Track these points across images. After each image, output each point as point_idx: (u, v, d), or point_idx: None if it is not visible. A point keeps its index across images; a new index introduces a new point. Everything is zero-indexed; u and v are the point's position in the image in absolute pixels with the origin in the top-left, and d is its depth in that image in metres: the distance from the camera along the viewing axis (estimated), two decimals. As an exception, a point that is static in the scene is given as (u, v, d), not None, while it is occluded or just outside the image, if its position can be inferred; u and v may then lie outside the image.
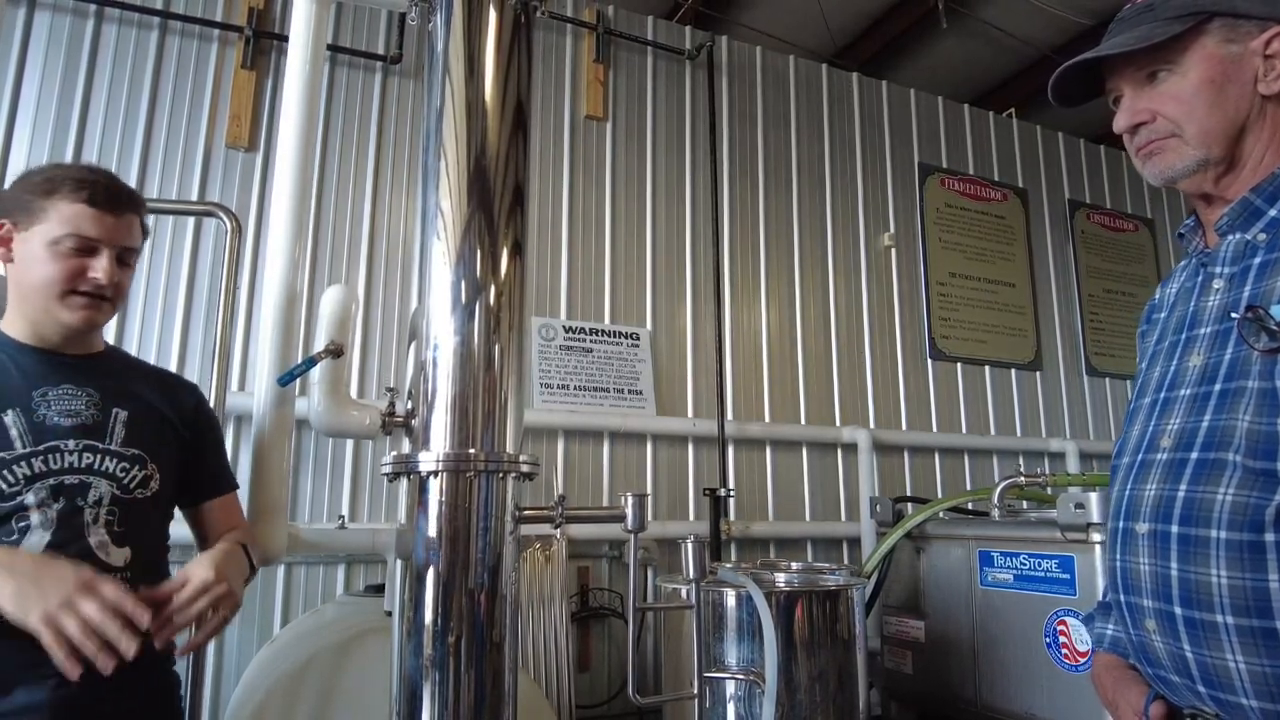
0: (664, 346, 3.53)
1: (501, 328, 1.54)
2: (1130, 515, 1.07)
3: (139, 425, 1.42)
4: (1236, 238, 1.07)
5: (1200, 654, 0.96)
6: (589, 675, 3.11)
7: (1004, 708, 2.46)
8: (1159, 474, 1.05)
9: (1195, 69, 1.05)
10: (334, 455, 2.93)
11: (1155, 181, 1.12)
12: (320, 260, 3.05)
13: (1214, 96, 1.05)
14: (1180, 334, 1.11)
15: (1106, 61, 1.12)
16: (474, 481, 1.44)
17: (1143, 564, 1.04)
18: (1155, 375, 1.13)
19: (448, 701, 1.45)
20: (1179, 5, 1.07)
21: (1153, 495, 1.04)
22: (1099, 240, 4.78)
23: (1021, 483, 2.77)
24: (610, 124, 3.62)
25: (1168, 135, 1.08)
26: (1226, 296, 1.05)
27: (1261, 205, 1.04)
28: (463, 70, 1.64)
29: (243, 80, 3.02)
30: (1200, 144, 1.06)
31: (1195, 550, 0.97)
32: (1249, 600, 0.92)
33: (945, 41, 4.61)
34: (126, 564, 1.34)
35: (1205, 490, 0.98)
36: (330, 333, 1.61)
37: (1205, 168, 1.07)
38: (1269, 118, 1.05)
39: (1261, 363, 0.95)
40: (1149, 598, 1.03)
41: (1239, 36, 1.05)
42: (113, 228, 1.36)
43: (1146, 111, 1.09)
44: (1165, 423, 1.07)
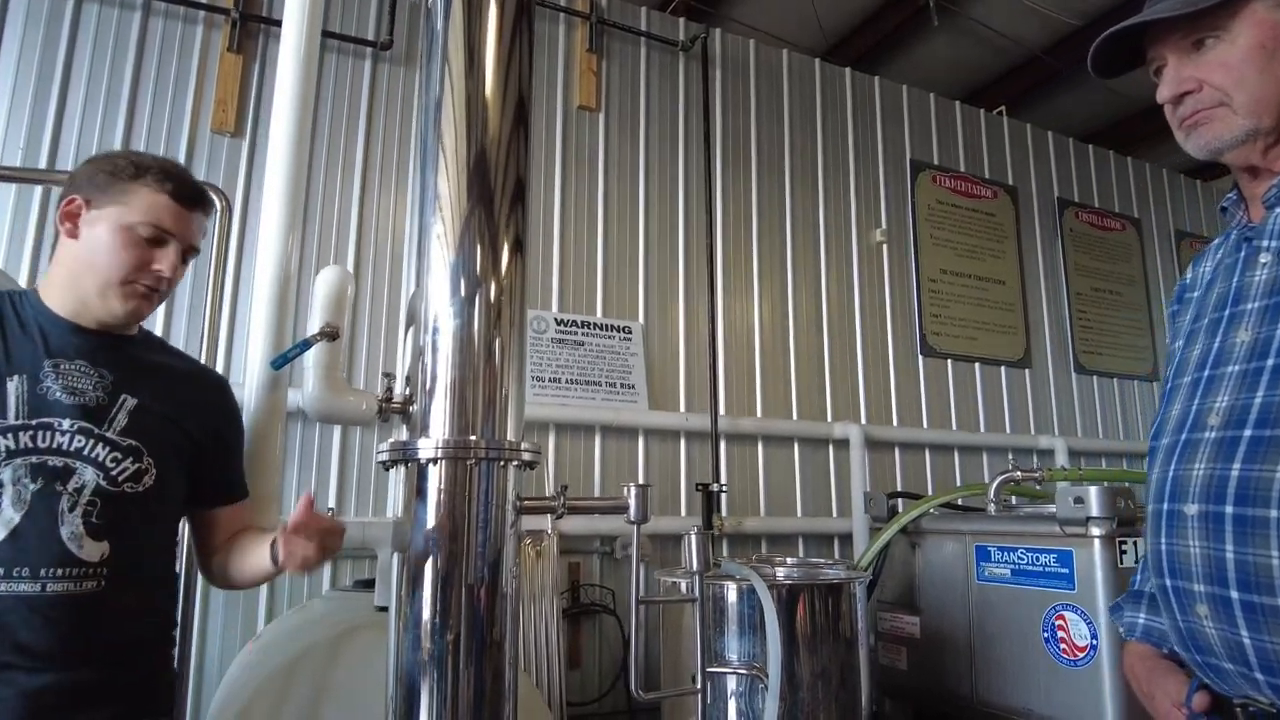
0: (656, 340, 3.50)
1: (503, 322, 1.50)
2: (1176, 497, 1.04)
3: (146, 416, 1.35)
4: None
5: (1259, 639, 0.93)
6: (580, 672, 3.07)
7: (1001, 704, 2.45)
8: (1208, 453, 1.01)
9: (1245, 34, 1.02)
10: (321, 446, 2.87)
11: (1200, 154, 1.08)
12: (308, 245, 2.99)
13: (1265, 63, 1.01)
14: (1223, 310, 1.08)
15: (1150, 29, 1.08)
16: (474, 469, 1.40)
17: (1193, 547, 1.00)
18: (1196, 353, 1.10)
19: (446, 699, 1.41)
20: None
21: (1202, 475, 1.01)
22: (1087, 239, 4.80)
23: (1018, 477, 2.77)
24: (603, 115, 3.58)
25: (1215, 105, 1.04)
26: (1275, 270, 1.02)
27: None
28: (463, 61, 1.60)
29: (229, 64, 2.95)
30: (1250, 113, 1.03)
31: (1253, 531, 0.94)
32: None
33: (937, 39, 4.60)
34: (103, 559, 1.26)
35: (1263, 469, 0.94)
36: (326, 315, 1.56)
37: (1255, 138, 1.03)
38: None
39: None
40: (1200, 582, 0.99)
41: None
42: (187, 224, 1.36)
43: (1192, 80, 1.05)
44: (1212, 400, 1.03)
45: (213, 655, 2.60)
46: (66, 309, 1.34)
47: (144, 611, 1.36)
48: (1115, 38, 1.11)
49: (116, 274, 1.30)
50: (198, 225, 1.38)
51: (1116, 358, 4.69)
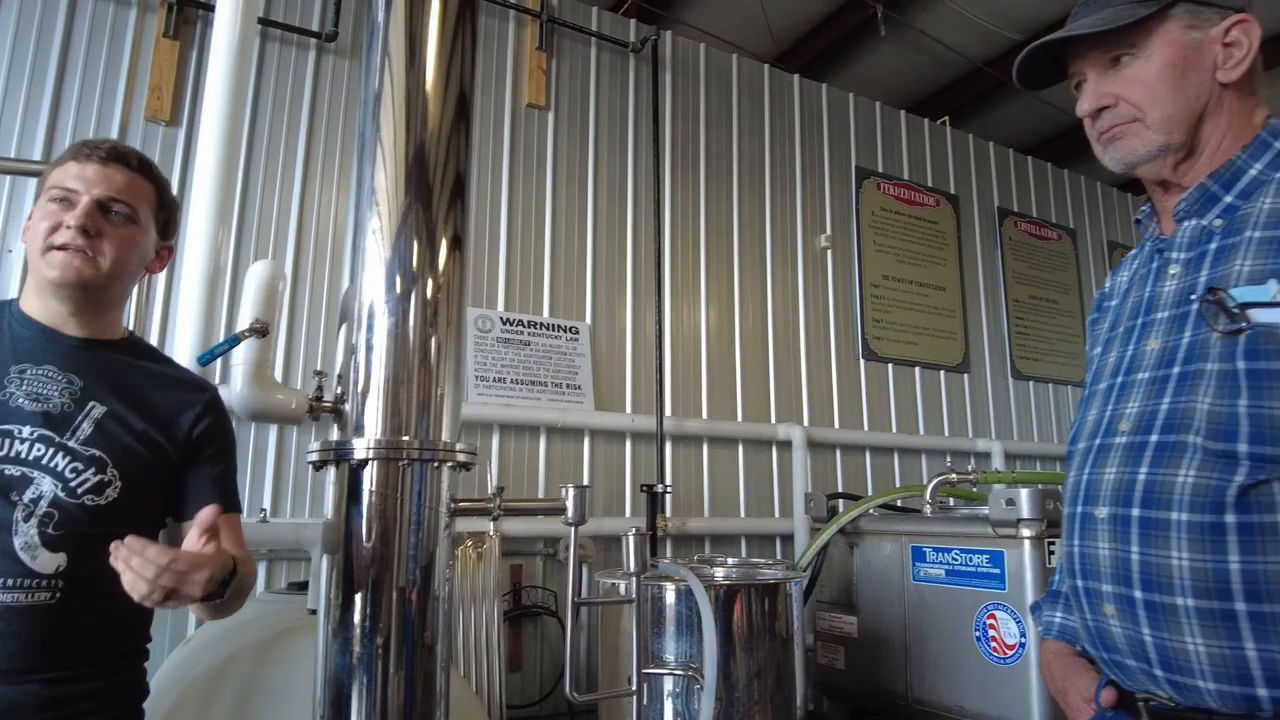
0: (603, 341, 3.49)
1: (439, 320, 1.47)
2: (1088, 500, 1.07)
3: (114, 426, 1.29)
4: (1193, 223, 1.08)
5: (1159, 637, 0.97)
6: (521, 675, 3.05)
7: (934, 701, 2.50)
8: (1118, 457, 1.05)
9: (1159, 53, 1.06)
10: (256, 445, 2.80)
11: (1116, 167, 1.12)
12: (246, 239, 2.91)
13: (1177, 82, 1.05)
14: (1136, 319, 1.12)
15: (1071, 44, 1.12)
16: (407, 470, 1.37)
17: (1102, 549, 1.04)
18: (1111, 360, 1.14)
19: (375, 704, 1.38)
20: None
21: (1112, 479, 1.04)
22: (1025, 248, 4.94)
23: (953, 479, 2.83)
24: (552, 113, 3.57)
25: (1130, 120, 1.08)
26: (1183, 281, 1.06)
27: (1218, 191, 1.06)
28: (404, 54, 1.57)
29: (165, 50, 2.86)
30: (1162, 129, 1.06)
31: (1156, 533, 0.97)
32: (1210, 582, 0.93)
33: (884, 49, 4.69)
34: (59, 571, 1.20)
35: (1166, 473, 0.98)
36: (255, 310, 1.52)
37: (1166, 153, 1.07)
38: (1226, 105, 1.06)
39: (1221, 344, 0.96)
40: (1108, 582, 1.03)
41: (1201, 23, 1.06)
42: (91, 178, 1.30)
43: (1110, 95, 1.09)
44: (1123, 407, 1.07)
45: (138, 660, 2.51)
46: (37, 311, 1.31)
47: (107, 625, 1.29)
48: (1039, 51, 1.14)
49: (38, 244, 1.28)
50: (105, 178, 1.32)
51: (1052, 364, 4.83)
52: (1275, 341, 0.92)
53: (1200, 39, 1.06)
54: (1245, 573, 0.91)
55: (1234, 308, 0.96)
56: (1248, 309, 0.95)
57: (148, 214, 1.37)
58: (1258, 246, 0.99)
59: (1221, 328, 0.97)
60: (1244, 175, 1.05)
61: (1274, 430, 0.91)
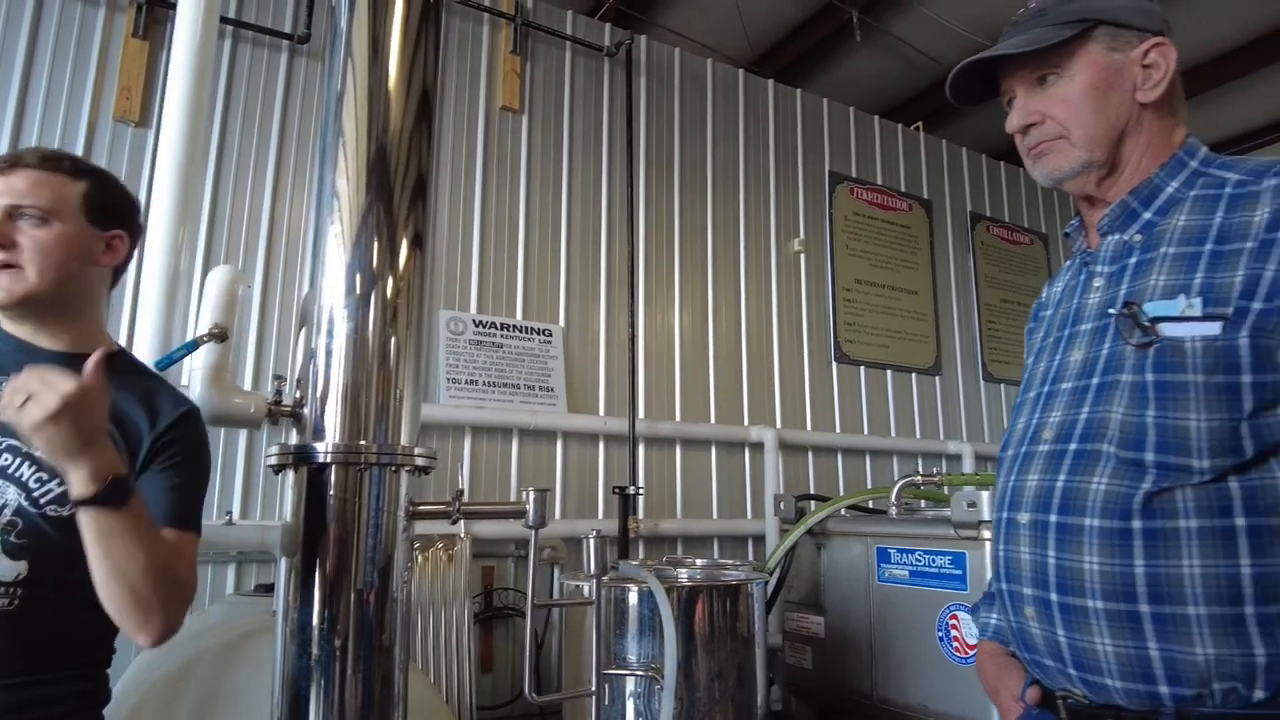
0: (577, 344, 3.51)
1: (399, 321, 1.49)
2: (1013, 506, 1.11)
3: None
4: (1115, 238, 1.12)
5: (1073, 638, 1.00)
6: (492, 676, 3.06)
7: (898, 701, 2.54)
8: (1040, 465, 1.08)
9: (1082, 73, 1.10)
10: (225, 448, 2.79)
11: (1044, 182, 1.16)
12: (216, 243, 2.91)
13: (1098, 101, 1.09)
14: (1064, 330, 1.16)
15: (1002, 63, 1.16)
16: (365, 474, 1.39)
17: (1024, 553, 1.07)
18: (1040, 370, 1.18)
19: (333, 705, 1.40)
20: (1068, 11, 1.11)
21: (1034, 486, 1.08)
22: (997, 252, 5.00)
23: (918, 482, 2.86)
24: (526, 117, 3.58)
25: (1056, 137, 1.12)
26: (1105, 294, 1.10)
27: (1138, 208, 1.10)
28: (366, 54, 1.58)
29: (134, 50, 2.85)
30: (1085, 147, 1.10)
31: (1071, 538, 1.01)
32: (1117, 585, 0.96)
33: (858, 54, 4.73)
34: (18, 579, 1.20)
35: (1081, 480, 1.02)
36: (215, 315, 1.52)
37: (1089, 170, 1.11)
38: (1145, 125, 1.10)
39: (1134, 357, 1.00)
40: (1028, 585, 1.06)
41: (1121, 45, 1.10)
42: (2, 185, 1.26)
43: (1037, 113, 1.13)
44: (1047, 415, 1.11)
45: (105, 663, 2.50)
46: (11, 326, 1.29)
47: (67, 634, 1.29)
48: (971, 69, 1.18)
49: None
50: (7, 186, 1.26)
51: (1023, 367, 4.88)
52: (1180, 355, 0.96)
53: (1121, 61, 1.09)
54: (1149, 576, 0.95)
55: (1146, 322, 1.00)
56: (1158, 323, 0.99)
57: (70, 209, 1.30)
58: (1171, 262, 1.03)
59: (1135, 341, 1.00)
60: (1162, 192, 1.09)
61: (1177, 440, 0.95)
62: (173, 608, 1.23)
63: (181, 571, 1.27)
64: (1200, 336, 0.95)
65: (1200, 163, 1.09)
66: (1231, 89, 4.90)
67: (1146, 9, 1.12)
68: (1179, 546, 0.94)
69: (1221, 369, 0.94)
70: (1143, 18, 1.10)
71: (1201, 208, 1.05)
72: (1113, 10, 1.10)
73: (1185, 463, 0.94)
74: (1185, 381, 0.95)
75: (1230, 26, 4.51)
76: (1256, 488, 0.93)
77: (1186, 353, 0.95)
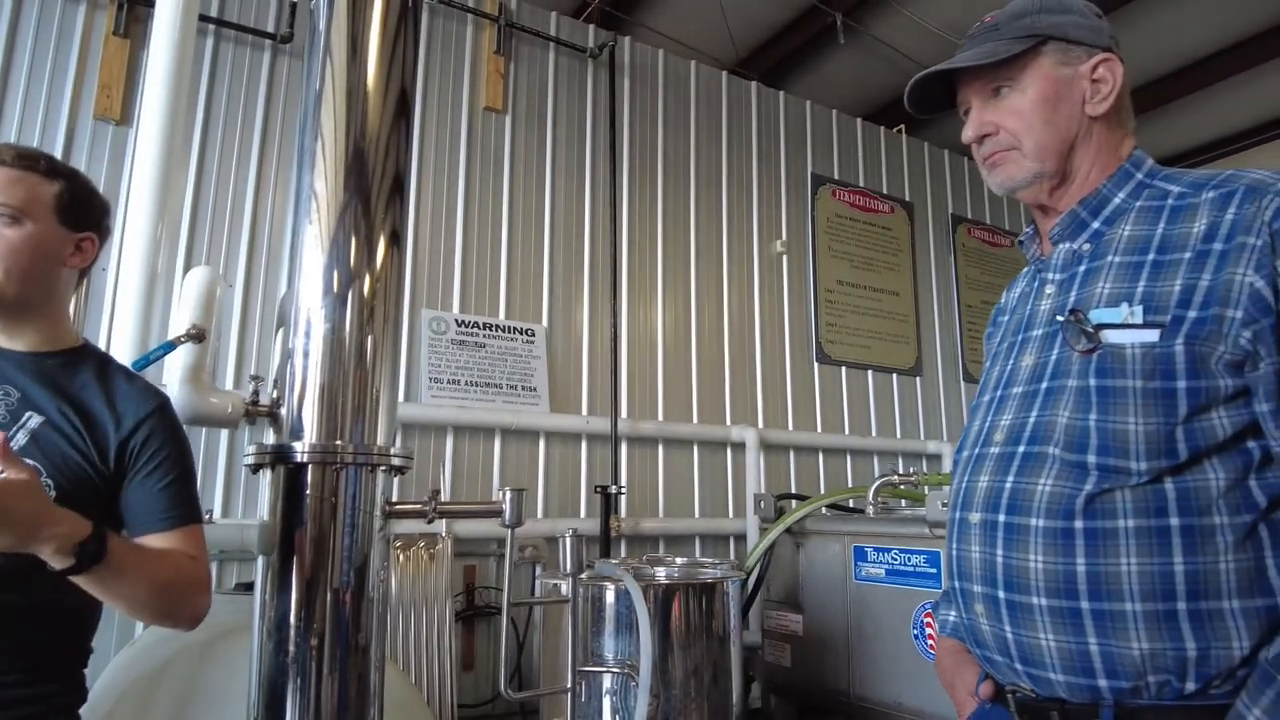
0: (560, 344, 3.52)
1: (375, 319, 1.49)
2: (966, 506, 1.14)
3: (52, 435, 1.27)
4: (1066, 246, 1.16)
5: (1019, 634, 1.04)
6: (473, 674, 3.07)
7: (874, 698, 2.57)
8: (991, 466, 1.12)
9: (1033, 86, 1.13)
10: (208, 448, 2.79)
11: (999, 190, 1.20)
12: (198, 243, 2.90)
13: (1049, 114, 1.13)
14: (1017, 335, 1.19)
15: (958, 75, 1.19)
16: (341, 474, 1.39)
17: (974, 552, 1.11)
18: (994, 374, 1.21)
19: (309, 703, 1.40)
20: (1020, 26, 1.15)
21: (984, 486, 1.11)
22: (978, 254, 5.05)
23: (895, 481, 2.90)
24: (509, 117, 3.59)
25: (1009, 148, 1.15)
26: (1056, 301, 1.13)
27: (1086, 217, 1.14)
28: (345, 52, 1.59)
29: (114, 48, 2.84)
30: (1036, 157, 1.14)
31: (1018, 538, 1.04)
32: (1059, 583, 1.00)
33: (842, 57, 4.77)
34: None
35: (1028, 482, 1.06)
36: (193, 315, 1.53)
37: (1041, 180, 1.15)
38: (1094, 137, 1.14)
39: (1079, 362, 1.04)
40: (979, 583, 1.09)
41: (1071, 60, 1.13)
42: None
43: (991, 124, 1.16)
44: (999, 419, 1.14)
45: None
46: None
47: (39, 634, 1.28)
48: (929, 80, 1.21)
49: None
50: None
51: (1001, 368, 4.94)
52: (1121, 361, 0.99)
53: (1070, 75, 1.13)
54: (1090, 574, 0.98)
55: (1090, 328, 1.03)
56: (1101, 329, 1.02)
57: (41, 208, 1.29)
58: (1116, 271, 1.06)
59: (1080, 347, 1.04)
60: (1109, 203, 1.12)
61: (1117, 443, 0.98)
62: (195, 600, 1.31)
63: (193, 568, 1.32)
64: (1140, 343, 0.98)
65: (1146, 174, 1.13)
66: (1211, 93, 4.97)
67: (1095, 26, 1.16)
68: (1118, 545, 0.97)
69: (1158, 375, 0.97)
70: (1091, 34, 1.14)
71: (1145, 219, 1.08)
72: (1062, 27, 1.14)
73: (1124, 465, 0.98)
74: (1125, 387, 0.99)
75: (1203, 34, 4.57)
76: (1189, 489, 0.96)
77: (1127, 359, 0.99)
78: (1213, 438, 0.96)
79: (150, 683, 1.81)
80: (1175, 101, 5.04)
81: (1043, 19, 1.14)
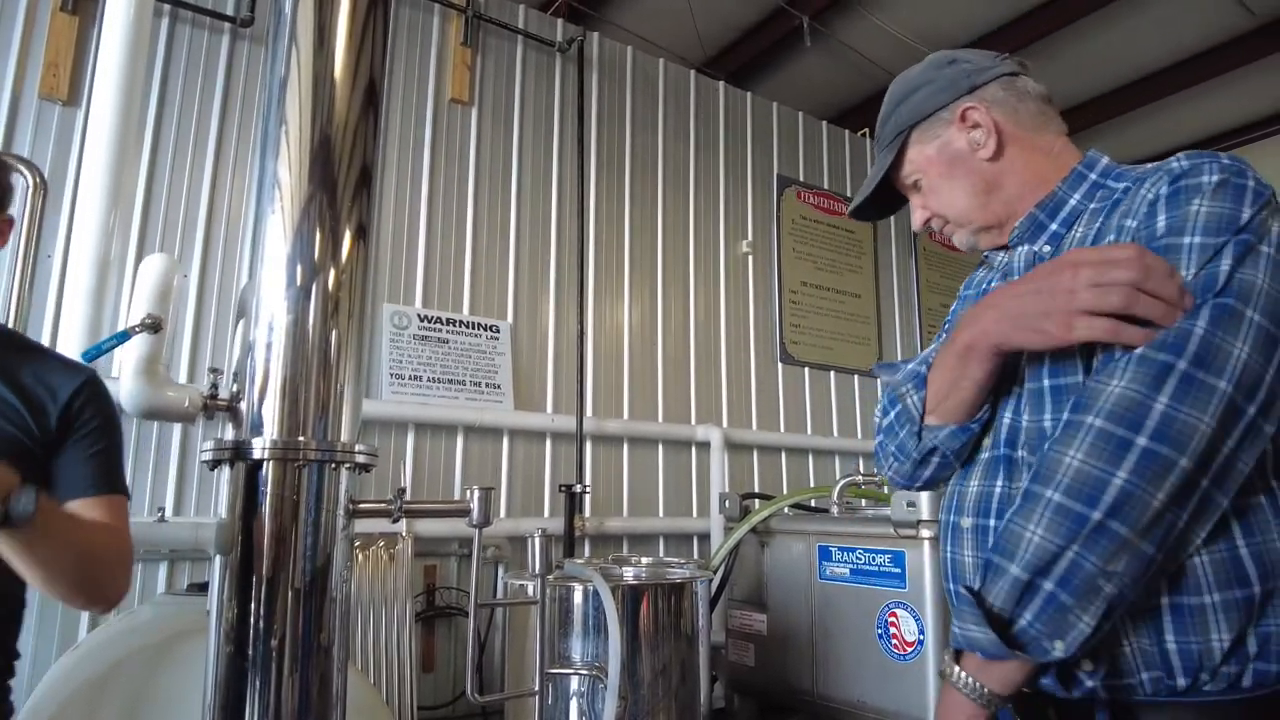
0: (525, 341, 3.48)
1: (340, 313, 1.45)
2: (957, 510, 1.15)
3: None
4: (1026, 248, 1.18)
5: None
6: (433, 676, 3.02)
7: (837, 697, 2.58)
8: (980, 471, 1.13)
9: (927, 172, 1.20)
10: (159, 443, 2.70)
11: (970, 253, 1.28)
12: (150, 230, 2.80)
13: (953, 184, 1.19)
14: None
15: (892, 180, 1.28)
16: (304, 471, 1.35)
17: (967, 555, 1.11)
18: None
19: (269, 707, 1.36)
20: (889, 132, 1.23)
21: (974, 491, 1.13)
22: (939, 258, 5.13)
23: (859, 481, 2.92)
24: (475, 109, 3.54)
25: (945, 224, 1.24)
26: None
27: (1045, 219, 1.15)
28: (312, 40, 1.54)
29: (62, 25, 2.73)
30: (967, 224, 1.21)
31: None
32: None
33: (808, 60, 4.80)
34: None
35: (1013, 485, 1.07)
36: (148, 305, 1.47)
37: (985, 233, 1.21)
38: (1008, 168, 1.17)
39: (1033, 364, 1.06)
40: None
41: (937, 130, 1.19)
42: None
43: (925, 211, 1.24)
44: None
45: (22, 664, 2.38)
46: None
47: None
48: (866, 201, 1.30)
49: None
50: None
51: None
52: (1072, 359, 1.01)
53: (945, 140, 1.18)
54: None
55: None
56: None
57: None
58: None
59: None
60: (1065, 205, 1.14)
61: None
62: (118, 574, 1.27)
63: (116, 541, 1.28)
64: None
65: (1099, 174, 1.14)
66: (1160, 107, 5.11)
67: (945, 82, 1.19)
68: None
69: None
70: (945, 94, 1.18)
71: (1098, 218, 1.10)
72: (914, 109, 1.20)
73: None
74: (1077, 384, 1.00)
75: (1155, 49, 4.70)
76: None
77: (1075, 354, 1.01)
78: None
79: (96, 689, 1.74)
80: (1126, 114, 5.18)
81: (901, 111, 1.21)
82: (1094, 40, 4.56)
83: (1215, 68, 4.72)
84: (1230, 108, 5.22)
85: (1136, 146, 5.56)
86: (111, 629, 2.22)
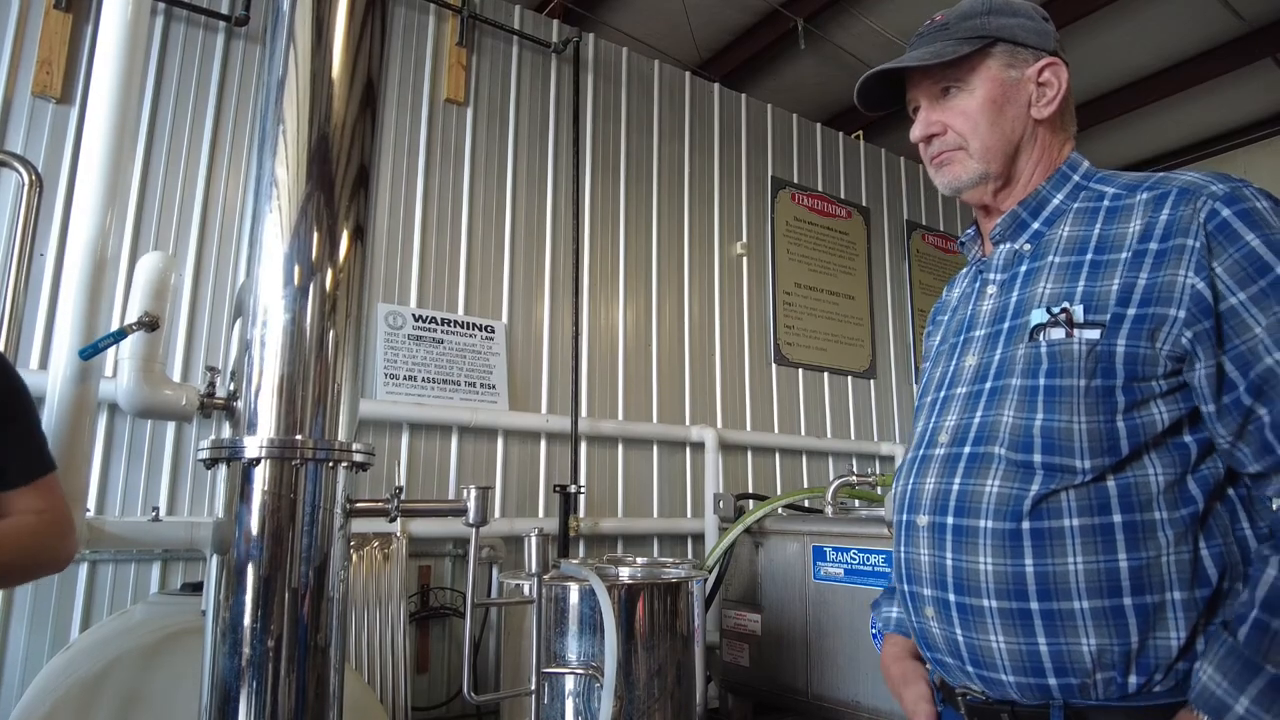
0: (520, 340, 3.48)
1: (338, 313, 1.45)
2: (912, 508, 1.13)
3: None
4: (1007, 247, 1.17)
5: (970, 637, 1.04)
6: (428, 677, 3.01)
7: (831, 697, 2.59)
8: (937, 468, 1.11)
9: (981, 88, 1.14)
10: (153, 441, 2.69)
11: (945, 190, 1.20)
12: (145, 228, 2.79)
13: (995, 115, 1.14)
14: (959, 335, 1.20)
15: (908, 74, 1.20)
16: (301, 470, 1.35)
17: (923, 555, 1.10)
18: (937, 374, 1.21)
19: (265, 707, 1.36)
20: (969, 27, 1.15)
21: (931, 489, 1.11)
22: (931, 259, 5.15)
23: (853, 482, 2.93)
24: (471, 110, 3.53)
25: (956, 148, 1.17)
26: (998, 301, 1.15)
27: (1027, 218, 1.15)
28: (309, 39, 1.54)
29: (56, 22, 2.71)
30: (982, 159, 1.15)
31: (966, 540, 1.04)
32: (1008, 585, 1.00)
33: (803, 62, 4.81)
34: None
35: (975, 483, 1.05)
36: (145, 303, 1.46)
37: (986, 181, 1.16)
38: (1039, 140, 1.16)
39: (1024, 362, 1.05)
40: (928, 586, 1.09)
41: (1018, 63, 1.15)
42: None
43: (939, 124, 1.17)
44: (944, 419, 1.14)
45: (13, 665, 2.39)
46: None
47: None
48: (878, 77, 1.21)
49: None
50: None
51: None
52: (1067, 359, 1.01)
53: (1017, 77, 1.15)
54: (1038, 575, 0.99)
55: (1034, 328, 1.04)
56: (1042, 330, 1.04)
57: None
58: (1056, 272, 1.08)
59: (1024, 346, 1.05)
60: (1048, 204, 1.14)
61: (1062, 442, 0.99)
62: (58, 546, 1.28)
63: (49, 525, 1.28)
64: (1085, 340, 1.00)
65: (1082, 176, 1.15)
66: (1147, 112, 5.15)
67: (1042, 29, 1.17)
68: (1064, 545, 0.98)
69: (1100, 373, 0.99)
70: (1038, 38, 1.16)
71: (1083, 220, 1.10)
72: (1010, 29, 1.14)
73: (1069, 463, 0.99)
74: (1070, 385, 1.00)
75: (1143, 55, 4.74)
76: (1130, 484, 0.98)
77: (1074, 356, 1.01)
78: (1152, 430, 0.98)
79: (89, 689, 1.73)
80: (1117, 118, 5.21)
81: (992, 21, 1.15)
82: (1084, 45, 4.59)
83: (1205, 72, 4.75)
84: (1220, 112, 5.26)
85: (1126, 150, 5.60)
86: (104, 629, 2.21)
